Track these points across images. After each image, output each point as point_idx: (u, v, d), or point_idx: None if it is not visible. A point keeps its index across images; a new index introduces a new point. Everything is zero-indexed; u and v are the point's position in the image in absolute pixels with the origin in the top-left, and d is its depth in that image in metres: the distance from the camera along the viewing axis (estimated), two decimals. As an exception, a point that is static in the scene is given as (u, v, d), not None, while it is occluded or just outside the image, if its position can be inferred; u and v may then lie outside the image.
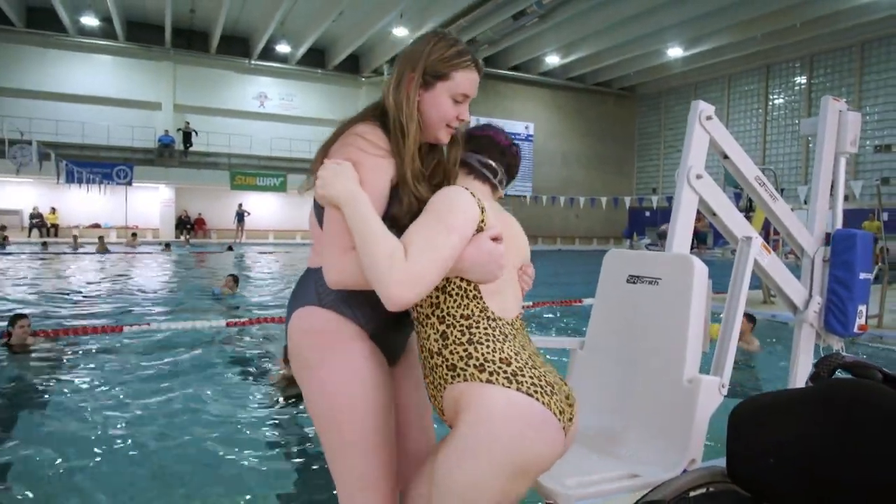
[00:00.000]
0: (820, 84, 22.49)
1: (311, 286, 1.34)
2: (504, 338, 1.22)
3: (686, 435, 1.64)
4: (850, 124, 2.41)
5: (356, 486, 1.30)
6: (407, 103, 1.28)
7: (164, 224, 24.75)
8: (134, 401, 4.16)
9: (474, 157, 1.39)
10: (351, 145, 1.27)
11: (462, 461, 1.11)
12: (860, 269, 2.27)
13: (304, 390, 1.34)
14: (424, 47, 1.30)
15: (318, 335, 1.31)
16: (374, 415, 1.29)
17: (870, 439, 1.12)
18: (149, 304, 8.68)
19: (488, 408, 1.12)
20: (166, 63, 24.81)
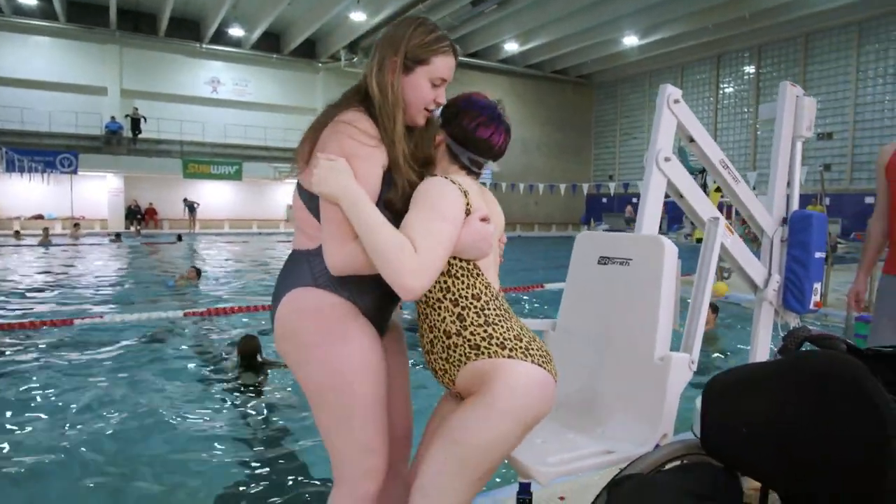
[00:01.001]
0: (767, 74, 23.27)
1: (305, 268, 1.39)
2: (508, 315, 1.40)
3: (658, 410, 1.68)
4: (806, 109, 2.49)
5: (359, 452, 1.39)
6: (391, 89, 1.33)
7: (113, 214, 23.83)
8: (88, 395, 4.01)
9: (466, 154, 1.43)
10: (342, 134, 1.29)
11: (489, 421, 1.28)
12: (815, 249, 2.37)
13: (301, 368, 1.39)
14: (405, 32, 1.35)
15: (315, 314, 1.37)
16: (375, 384, 1.38)
17: (835, 406, 1.17)
18: (100, 296, 8.37)
19: (513, 378, 1.30)
20: (112, 46, 23.71)
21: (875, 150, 19.63)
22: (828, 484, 1.16)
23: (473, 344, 1.34)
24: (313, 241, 1.38)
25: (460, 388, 1.39)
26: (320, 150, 1.30)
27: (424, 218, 1.26)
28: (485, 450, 1.30)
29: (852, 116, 20.43)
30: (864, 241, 2.62)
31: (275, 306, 1.42)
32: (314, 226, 1.37)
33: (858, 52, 20.27)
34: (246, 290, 9.26)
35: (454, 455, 1.31)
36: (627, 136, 29.50)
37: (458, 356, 1.35)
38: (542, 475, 1.49)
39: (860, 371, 1.12)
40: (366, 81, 1.37)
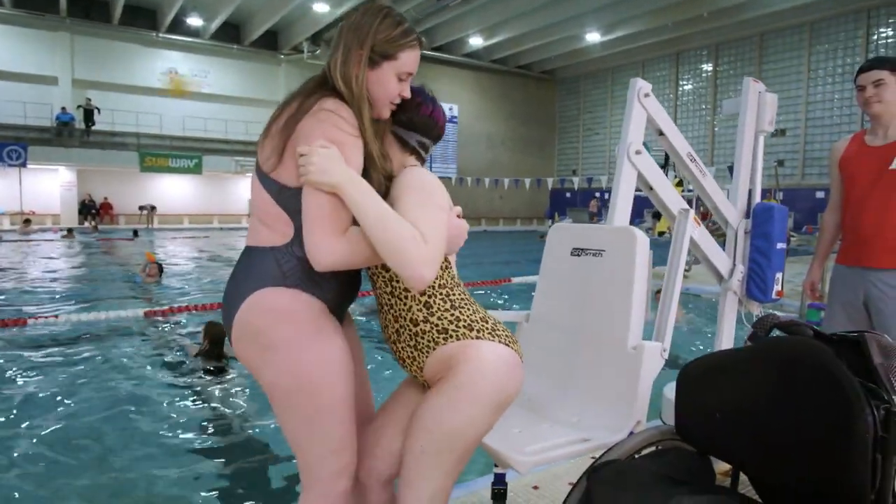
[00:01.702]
0: (724, 71, 23.93)
1: (272, 265, 1.31)
2: (471, 299, 1.43)
3: (632, 398, 1.72)
4: (768, 105, 2.56)
5: (329, 450, 1.35)
6: (356, 82, 1.29)
7: (66, 209, 22.97)
8: (44, 396, 3.87)
9: (414, 136, 1.44)
10: (327, 123, 1.23)
11: (460, 403, 1.29)
12: (777, 240, 2.45)
13: (268, 371, 1.32)
14: (371, 24, 1.31)
15: (288, 315, 1.30)
16: (346, 382, 1.35)
17: (803, 389, 1.21)
18: (55, 294, 8.06)
19: (482, 359, 1.31)
20: (62, 34, 22.76)
21: (826, 147, 20.47)
22: (796, 465, 1.20)
23: (441, 328, 1.35)
24: (281, 236, 1.31)
25: (429, 374, 1.38)
26: (303, 140, 1.23)
27: (423, 207, 1.24)
28: (458, 434, 1.30)
29: (804, 114, 21.20)
30: (819, 233, 2.72)
31: (233, 307, 1.32)
32: (283, 220, 1.30)
33: (810, 51, 21.04)
34: (207, 286, 9.06)
35: (429, 443, 1.31)
36: (590, 131, 29.94)
37: (427, 342, 1.35)
38: (522, 464, 1.51)
39: (827, 355, 1.16)
40: (330, 73, 1.31)
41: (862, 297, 2.37)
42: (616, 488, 1.24)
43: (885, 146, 2.35)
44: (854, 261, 2.41)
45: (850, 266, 2.43)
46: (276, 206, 1.30)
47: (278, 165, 1.28)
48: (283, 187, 1.28)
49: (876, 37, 19.38)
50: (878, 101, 2.30)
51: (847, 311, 2.43)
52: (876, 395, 1.08)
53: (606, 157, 28.72)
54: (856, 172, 2.41)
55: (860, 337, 1.20)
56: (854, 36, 19.89)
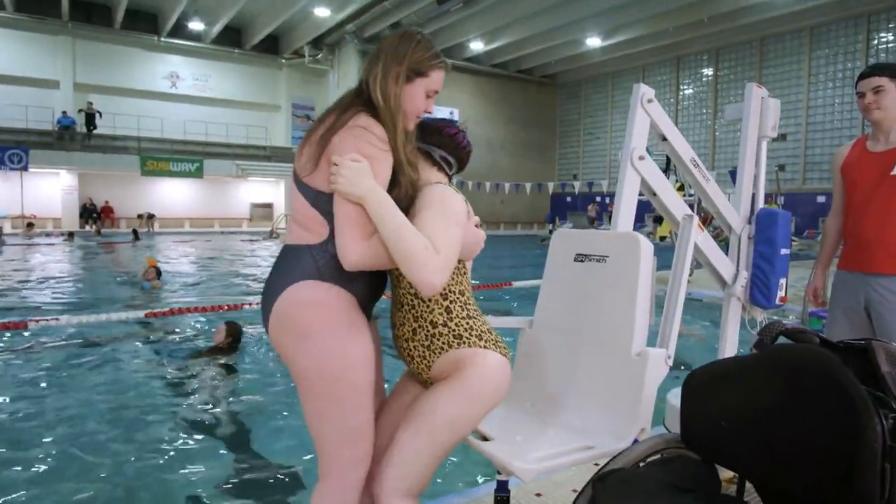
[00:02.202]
0: (725, 76, 23.96)
1: (308, 261, 1.44)
2: (479, 310, 1.57)
3: (636, 405, 1.70)
4: (770, 110, 2.56)
5: (348, 440, 1.45)
6: (393, 96, 1.44)
7: (67, 213, 22.98)
8: (45, 400, 3.86)
9: (437, 152, 1.59)
10: (361, 139, 1.37)
11: (462, 401, 1.45)
12: (781, 246, 2.44)
13: (301, 358, 1.43)
14: (408, 45, 1.47)
15: (320, 306, 1.42)
16: (370, 372, 1.46)
17: (810, 397, 1.20)
18: (56, 297, 8.06)
19: (486, 366, 1.47)
20: (64, 38, 22.84)
21: (826, 151, 20.46)
22: (803, 473, 1.19)
23: (457, 334, 1.49)
24: (317, 236, 1.44)
25: (435, 372, 1.51)
26: (337, 153, 1.37)
27: (440, 221, 1.39)
28: (455, 424, 1.45)
29: (805, 118, 21.21)
30: (821, 239, 2.72)
31: (272, 298, 1.45)
32: (319, 222, 1.44)
33: (810, 56, 21.05)
34: (208, 289, 9.06)
35: (425, 429, 1.44)
36: (591, 135, 29.96)
37: (441, 344, 1.49)
38: (525, 472, 1.50)
39: (834, 363, 1.16)
40: (367, 87, 1.45)
41: (863, 302, 2.36)
42: (622, 497, 1.23)
43: (887, 152, 2.35)
44: (855, 266, 2.40)
45: (852, 271, 2.42)
46: (311, 209, 1.44)
47: (314, 172, 1.42)
48: (319, 193, 1.42)
49: (876, 41, 19.40)
50: (878, 108, 2.30)
51: (849, 317, 2.43)
52: (884, 404, 1.07)
53: (607, 161, 28.73)
54: (857, 178, 2.41)
55: (867, 344, 1.19)
56: (854, 41, 19.91)
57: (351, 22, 22.57)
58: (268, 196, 28.03)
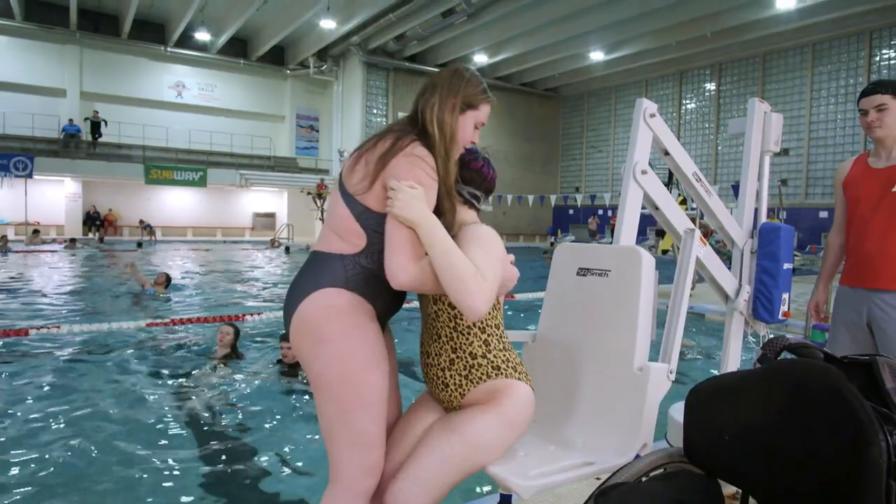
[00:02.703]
0: (727, 91, 24.04)
1: (338, 269, 1.50)
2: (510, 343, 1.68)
3: (638, 421, 1.69)
4: (773, 125, 2.58)
5: (360, 447, 1.48)
6: (449, 127, 1.52)
7: (70, 220, 23.04)
8: (45, 408, 3.85)
9: (465, 189, 1.67)
10: (418, 168, 1.45)
11: (497, 427, 1.52)
12: (784, 260, 2.45)
13: (318, 361, 1.48)
14: (462, 79, 1.57)
15: (342, 313, 1.47)
16: (383, 384, 1.51)
17: (814, 412, 1.20)
18: (57, 305, 8.06)
19: (520, 397, 1.56)
20: (71, 47, 23.03)
21: (828, 167, 20.46)
22: (807, 490, 1.19)
23: (495, 365, 1.58)
24: (352, 247, 1.50)
25: (470, 399, 1.58)
26: (394, 177, 1.44)
27: (482, 254, 1.47)
28: (486, 450, 1.51)
29: (807, 134, 21.24)
30: (823, 254, 2.72)
31: (296, 301, 1.50)
32: (358, 234, 1.50)
33: (812, 72, 21.12)
34: (211, 300, 9.06)
35: (461, 447, 1.48)
36: (593, 148, 30.03)
37: (480, 375, 1.57)
38: (524, 489, 1.49)
39: (838, 378, 1.15)
40: (422, 116, 1.53)
41: (865, 317, 2.36)
42: (624, 511, 1.22)
43: (888, 168, 2.36)
44: (857, 282, 2.41)
45: (854, 287, 2.42)
46: (355, 223, 1.50)
47: (367, 191, 1.48)
48: (367, 209, 1.49)
49: (878, 58, 19.47)
50: (880, 126, 2.31)
51: (851, 332, 2.43)
52: (889, 420, 1.07)
53: (609, 174, 28.77)
54: (859, 194, 2.42)
55: (871, 360, 1.19)
56: (857, 57, 19.99)
57: (356, 34, 22.73)
58: (270, 206, 28.11)
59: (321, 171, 26.46)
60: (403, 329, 6.56)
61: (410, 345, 5.74)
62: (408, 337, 6.36)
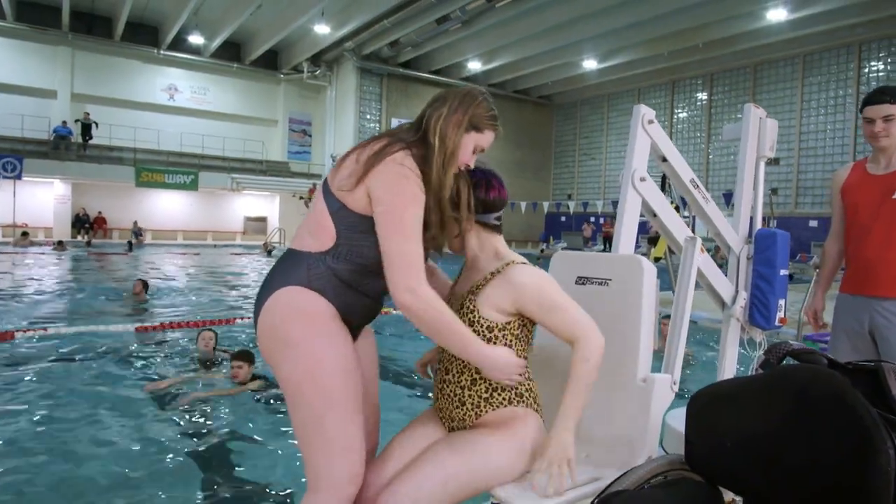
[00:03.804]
0: (718, 101, 24.24)
1: (303, 268, 1.45)
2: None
3: (642, 433, 1.67)
4: (768, 130, 2.58)
5: (337, 449, 1.42)
6: (451, 141, 1.48)
7: (59, 222, 22.82)
8: (31, 413, 3.78)
9: (492, 217, 1.66)
10: (410, 180, 1.41)
11: (511, 453, 1.52)
12: (780, 266, 2.44)
13: (283, 363, 1.43)
14: (474, 99, 1.54)
15: (303, 313, 1.43)
16: (353, 384, 1.45)
17: (819, 419, 1.18)
18: (44, 308, 7.96)
19: (536, 428, 1.58)
20: (63, 48, 22.88)
21: (818, 176, 20.64)
22: (810, 497, 1.17)
23: (518, 393, 1.58)
24: (319, 244, 1.46)
25: (484, 420, 1.57)
26: (380, 183, 1.40)
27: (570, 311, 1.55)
28: (493, 473, 1.49)
29: (797, 144, 21.45)
30: (821, 261, 2.72)
31: (262, 300, 1.47)
32: (328, 232, 1.46)
33: (802, 83, 21.36)
34: (198, 303, 8.98)
35: (465, 468, 1.45)
36: (586, 156, 30.16)
37: (501, 399, 1.56)
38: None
39: (843, 384, 1.14)
40: (426, 124, 1.50)
41: (867, 325, 2.35)
42: (626, 519, 1.20)
43: (887, 175, 2.36)
44: (858, 289, 2.40)
45: (854, 295, 2.42)
46: (328, 219, 1.47)
47: (351, 189, 1.43)
48: (344, 207, 1.45)
49: (867, 70, 19.72)
50: (887, 136, 2.29)
51: (852, 341, 2.41)
52: (895, 427, 1.06)
53: (602, 182, 28.90)
54: (858, 201, 2.41)
55: (877, 366, 1.18)
56: (846, 69, 20.23)
57: (350, 39, 22.74)
58: (262, 210, 27.98)
59: (313, 176, 26.39)
60: (408, 340, 6.51)
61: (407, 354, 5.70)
62: (407, 345, 6.33)
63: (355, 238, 1.46)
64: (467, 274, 1.69)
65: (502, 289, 1.54)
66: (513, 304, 1.54)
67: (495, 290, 1.55)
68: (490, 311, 1.55)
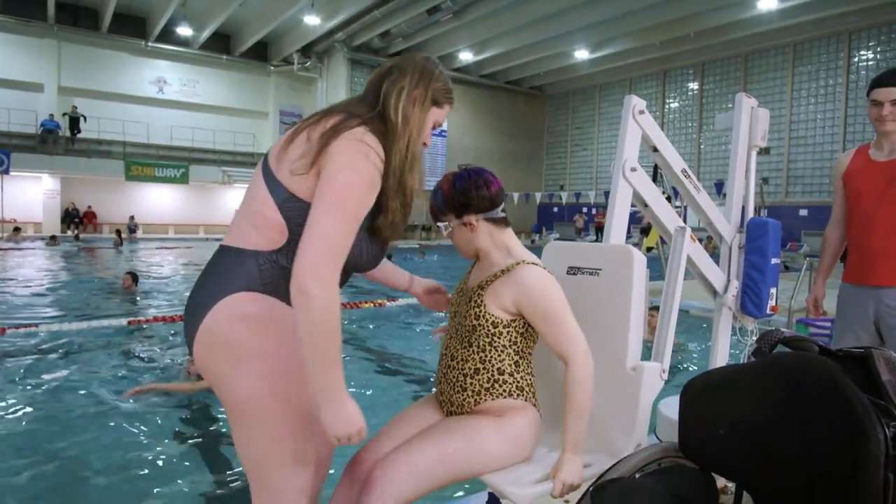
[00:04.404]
0: (710, 90, 24.29)
1: (252, 269, 1.26)
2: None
3: (632, 421, 1.68)
4: (760, 120, 2.59)
5: (297, 466, 1.31)
6: (414, 120, 1.35)
7: (48, 217, 22.58)
8: (22, 410, 3.76)
9: (498, 211, 1.66)
10: (369, 161, 1.24)
11: (506, 442, 1.54)
12: (772, 255, 2.46)
13: (240, 382, 1.25)
14: (433, 72, 1.40)
15: (260, 322, 1.26)
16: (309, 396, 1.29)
17: (811, 405, 1.19)
18: (35, 304, 7.90)
19: (532, 420, 1.60)
20: (49, 41, 22.56)
21: (808, 166, 20.75)
22: (803, 483, 1.18)
23: (520, 386, 1.60)
24: (269, 242, 1.27)
25: (482, 408, 1.59)
26: (337, 162, 1.22)
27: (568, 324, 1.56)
28: (487, 458, 1.50)
29: (788, 133, 21.55)
30: (822, 248, 2.65)
31: (202, 310, 1.25)
32: (277, 228, 1.26)
33: (793, 72, 21.43)
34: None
35: (462, 450, 1.46)
36: (578, 146, 30.18)
37: (502, 391, 1.58)
38: (521, 497, 1.46)
39: (834, 371, 1.15)
40: (385, 100, 1.33)
41: (872, 316, 2.29)
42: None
43: (891, 161, 2.29)
44: (861, 279, 2.33)
45: (858, 284, 2.35)
46: (276, 212, 1.26)
47: (305, 173, 1.24)
48: (293, 197, 1.25)
49: (857, 59, 19.80)
50: (894, 121, 2.24)
51: (856, 332, 2.34)
52: (886, 412, 1.07)
53: (594, 172, 28.94)
54: (861, 187, 2.34)
55: (866, 353, 1.19)
56: (836, 58, 20.30)
57: (340, 31, 22.59)
58: (254, 203, 27.82)
59: (305, 169, 26.21)
60: (399, 330, 6.53)
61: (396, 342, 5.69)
62: (400, 333, 6.34)
63: None
64: (479, 269, 1.70)
65: (508, 287, 1.56)
66: (514, 303, 1.56)
67: (502, 288, 1.57)
68: (495, 308, 1.57)
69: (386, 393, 3.98)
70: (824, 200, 20.13)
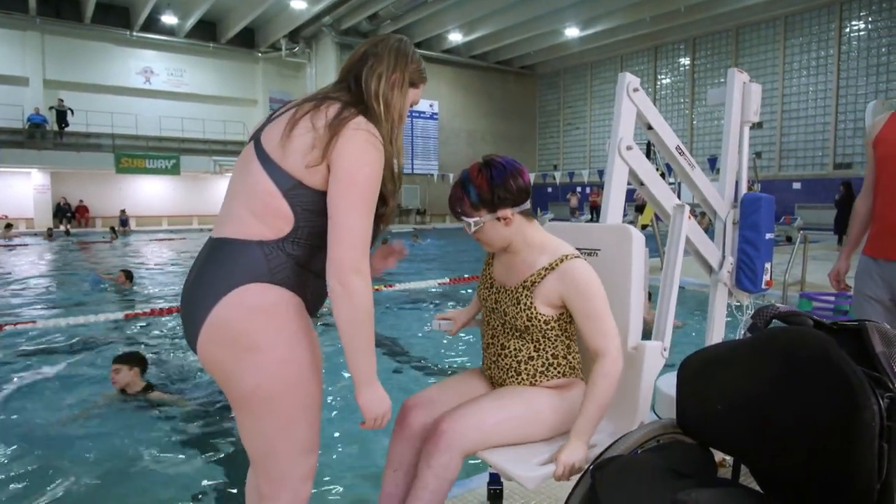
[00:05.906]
0: (701, 65, 24.16)
1: (259, 260, 1.25)
2: None
3: (634, 400, 1.70)
4: (752, 95, 2.57)
5: (302, 454, 1.36)
6: (396, 106, 1.36)
7: (40, 212, 22.43)
8: (22, 406, 3.77)
9: (528, 204, 1.65)
10: (377, 151, 1.27)
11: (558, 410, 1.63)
12: (766, 230, 2.47)
13: (244, 375, 1.25)
14: (408, 54, 1.40)
15: (271, 314, 1.26)
16: (319, 382, 1.37)
17: (806, 379, 1.21)
18: (32, 300, 7.88)
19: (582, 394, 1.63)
20: (32, 33, 22.21)
21: (801, 139, 20.74)
22: (800, 455, 1.20)
23: (572, 366, 1.70)
24: (273, 231, 1.25)
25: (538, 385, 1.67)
26: (347, 153, 1.24)
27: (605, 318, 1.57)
28: (542, 426, 1.60)
29: (780, 106, 21.50)
30: (850, 220, 2.47)
31: (206, 304, 1.24)
32: (283, 216, 1.25)
33: (784, 45, 21.32)
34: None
35: (523, 414, 1.57)
36: (570, 126, 30.05)
37: (557, 372, 1.67)
38: (528, 480, 1.47)
39: (829, 344, 1.17)
40: (366, 87, 1.33)
41: (890, 293, 2.15)
42: (622, 483, 1.23)
43: None
44: (882, 252, 2.18)
45: (877, 259, 2.20)
46: (282, 200, 1.25)
47: (319, 164, 1.24)
48: (300, 184, 1.25)
49: (848, 30, 19.71)
50: None
51: (875, 309, 2.19)
52: (880, 384, 1.08)
53: (587, 151, 28.86)
54: (890, 154, 2.17)
55: (860, 325, 1.20)
56: (827, 29, 20.20)
57: (328, 14, 22.30)
58: (247, 192, 27.66)
59: (297, 156, 26.03)
60: (393, 315, 6.54)
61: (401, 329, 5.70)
62: (402, 315, 6.36)
63: (314, 219, 1.27)
64: (511, 266, 1.69)
65: (555, 283, 1.58)
66: (561, 297, 1.60)
67: (549, 285, 1.59)
68: (545, 307, 1.61)
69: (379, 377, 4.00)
70: (817, 173, 20.16)
